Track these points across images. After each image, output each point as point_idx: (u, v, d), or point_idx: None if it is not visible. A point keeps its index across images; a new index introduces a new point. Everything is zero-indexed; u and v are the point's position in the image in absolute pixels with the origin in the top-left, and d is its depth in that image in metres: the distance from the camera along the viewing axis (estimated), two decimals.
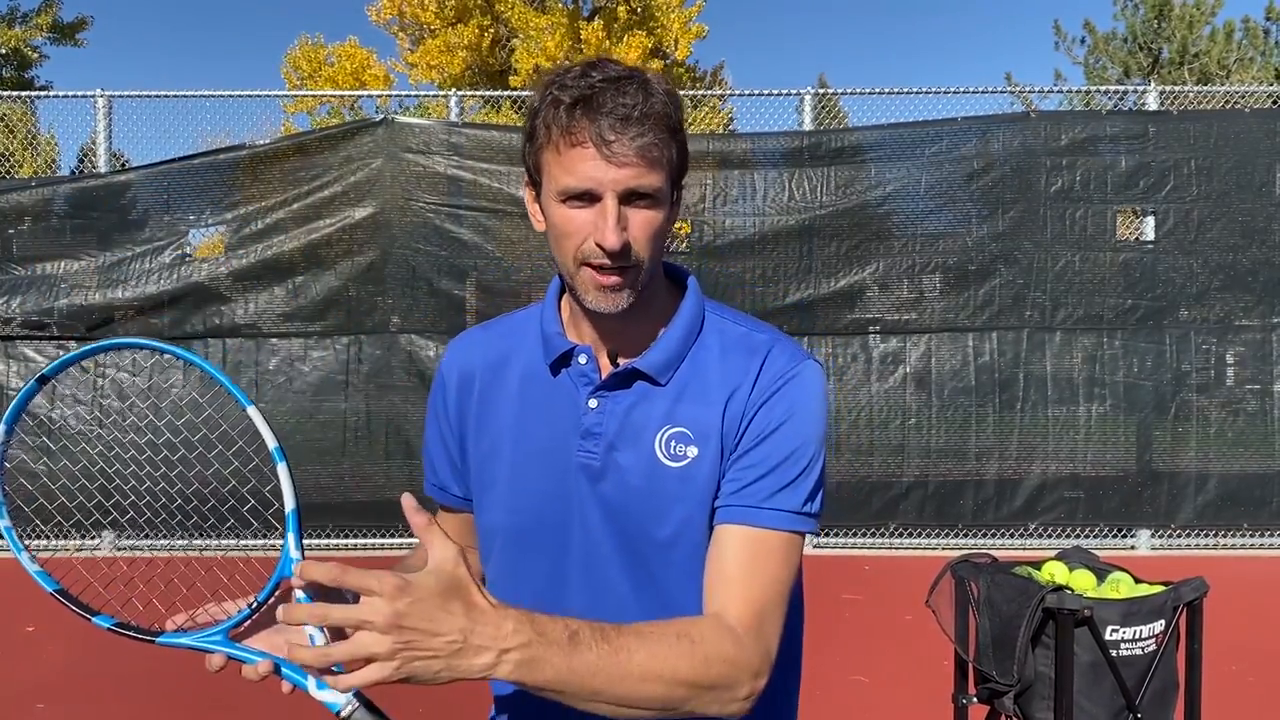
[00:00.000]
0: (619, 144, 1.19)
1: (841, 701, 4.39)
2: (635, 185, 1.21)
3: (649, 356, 1.30)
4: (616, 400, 1.30)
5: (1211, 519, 7.38)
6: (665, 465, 1.27)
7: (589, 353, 1.32)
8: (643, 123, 1.19)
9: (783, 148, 7.54)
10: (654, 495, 1.27)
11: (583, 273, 1.24)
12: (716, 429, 1.27)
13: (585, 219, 1.22)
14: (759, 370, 1.29)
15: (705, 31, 19.72)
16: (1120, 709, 2.42)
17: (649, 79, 1.24)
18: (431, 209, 7.39)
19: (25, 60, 19.68)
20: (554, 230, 1.26)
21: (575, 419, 1.31)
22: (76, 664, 4.93)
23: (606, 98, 1.19)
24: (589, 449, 1.29)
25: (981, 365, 7.36)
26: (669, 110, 1.23)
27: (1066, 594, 2.45)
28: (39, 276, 7.36)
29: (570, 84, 1.21)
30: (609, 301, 1.24)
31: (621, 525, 1.28)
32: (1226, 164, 7.34)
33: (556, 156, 1.22)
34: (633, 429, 1.29)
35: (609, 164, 1.19)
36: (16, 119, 8.61)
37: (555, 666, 1.04)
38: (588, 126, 1.19)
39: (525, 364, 1.37)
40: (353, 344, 7.38)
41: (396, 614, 0.96)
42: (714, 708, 1.16)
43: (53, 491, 7.25)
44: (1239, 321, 7.42)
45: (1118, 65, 20.95)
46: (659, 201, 1.24)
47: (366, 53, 22.65)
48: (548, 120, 1.22)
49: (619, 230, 1.20)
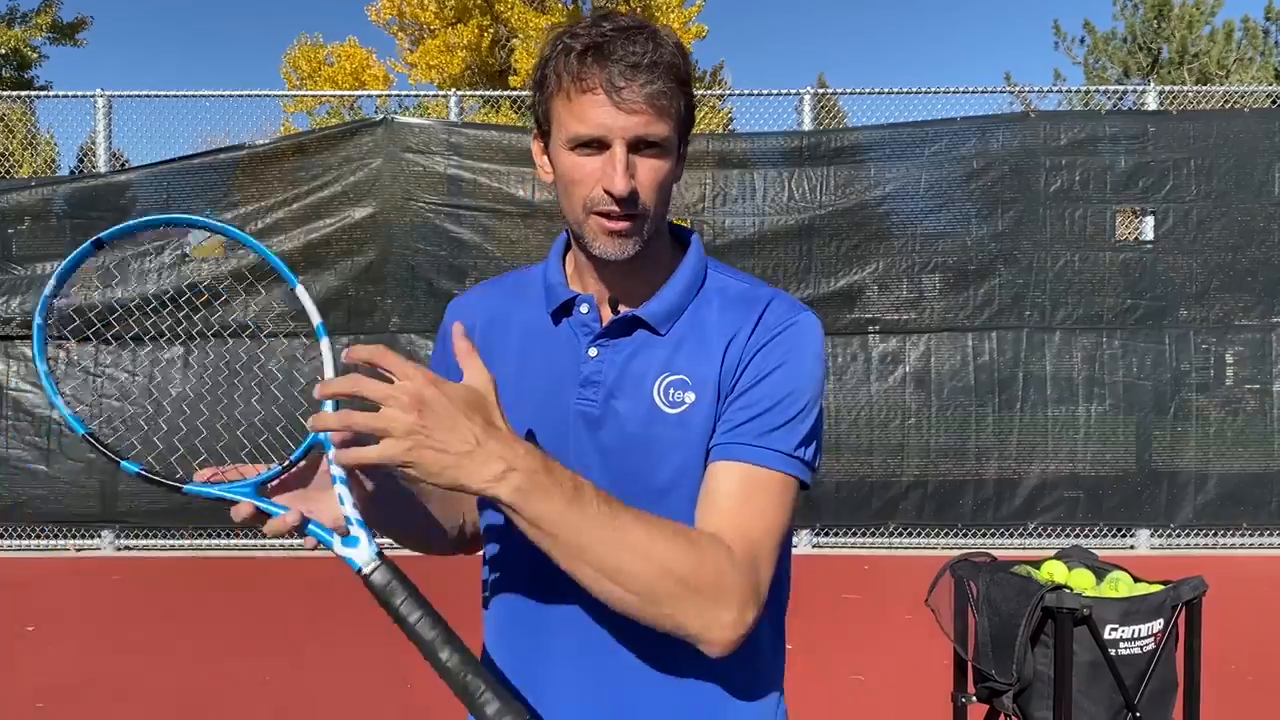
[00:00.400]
0: (629, 90, 1.20)
1: (841, 701, 4.40)
2: (644, 133, 1.22)
3: (650, 306, 1.32)
4: (616, 349, 1.32)
5: (1211, 518, 7.38)
6: (663, 411, 1.28)
7: (590, 301, 1.34)
8: (652, 70, 1.21)
9: (782, 147, 7.54)
10: (652, 441, 1.28)
11: (591, 220, 1.25)
12: (714, 375, 1.28)
13: (594, 166, 1.23)
14: (758, 318, 1.30)
15: (705, 31, 19.73)
16: (1119, 708, 2.42)
17: (658, 30, 1.25)
18: (431, 209, 7.39)
19: (25, 60, 19.68)
20: (562, 178, 1.27)
21: (575, 367, 1.32)
22: (76, 664, 4.94)
23: (617, 45, 1.21)
24: (588, 396, 1.30)
25: (981, 365, 7.36)
26: (678, 61, 1.24)
27: (1066, 593, 2.46)
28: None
29: (581, 33, 1.23)
30: (616, 247, 1.25)
31: (620, 472, 1.27)
32: (1226, 164, 7.34)
33: (567, 103, 1.23)
34: (632, 377, 1.30)
35: (619, 110, 1.20)
36: (16, 119, 8.61)
37: (553, 504, 1.07)
38: (598, 73, 1.20)
39: (527, 318, 1.39)
40: (353, 344, 7.36)
41: (423, 398, 1.03)
42: (695, 622, 1.14)
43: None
44: (1238, 321, 7.43)
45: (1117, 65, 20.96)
46: (666, 151, 1.25)
47: (366, 53, 22.69)
48: (558, 68, 1.23)
49: (627, 177, 1.21)
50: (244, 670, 4.78)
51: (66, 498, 7.35)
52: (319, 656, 5.03)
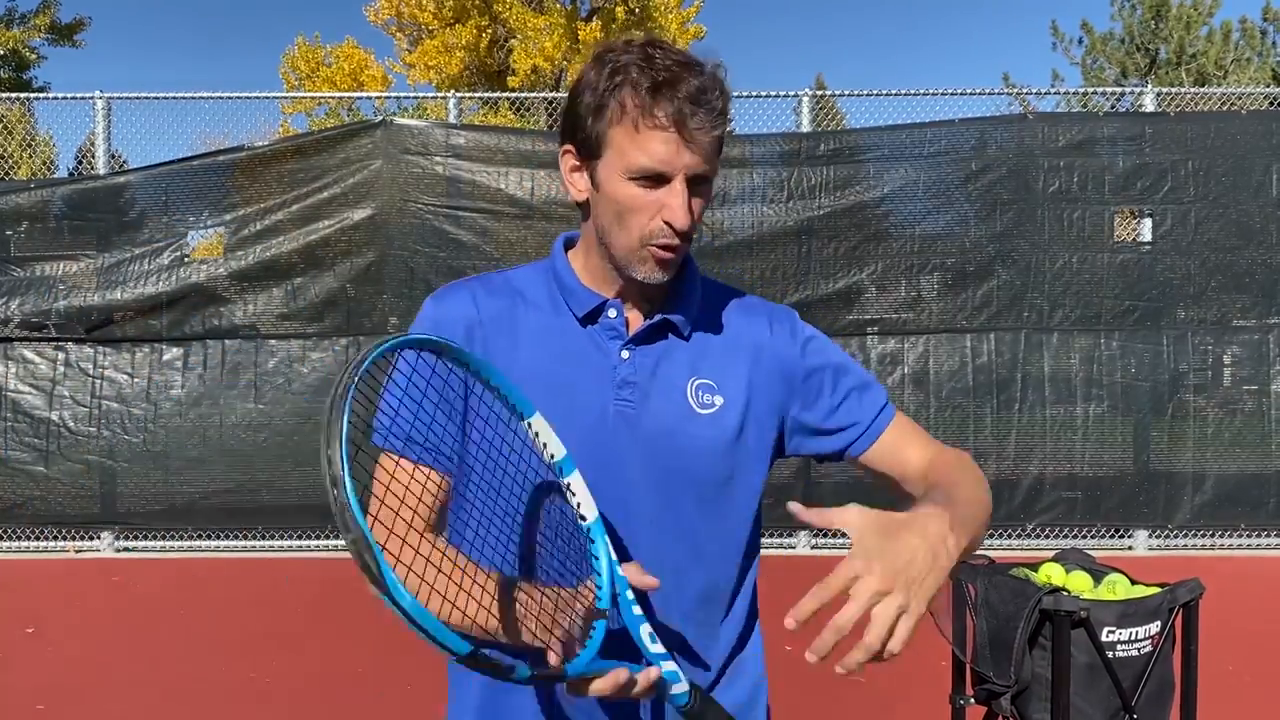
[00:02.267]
0: (699, 132, 1.26)
1: (839, 702, 4.40)
2: (702, 171, 1.29)
3: (675, 312, 1.40)
4: (645, 353, 1.38)
5: (1209, 519, 7.39)
6: (697, 412, 1.38)
7: (619, 307, 1.39)
8: (713, 111, 1.27)
9: (780, 149, 7.55)
10: (691, 437, 1.37)
11: (647, 251, 1.31)
12: (743, 384, 1.41)
13: (653, 199, 1.29)
14: (770, 325, 1.47)
15: (703, 32, 19.76)
16: (1117, 710, 2.43)
17: (712, 69, 1.30)
18: (429, 210, 7.39)
19: (23, 61, 19.67)
20: (615, 205, 1.31)
21: (607, 370, 1.37)
22: (76, 665, 4.94)
23: (683, 85, 1.25)
24: (625, 397, 1.36)
25: (979, 366, 7.37)
26: (728, 100, 1.31)
27: (1063, 595, 2.47)
28: (37, 278, 7.36)
29: (643, 64, 1.27)
30: (663, 272, 1.34)
31: (661, 467, 1.35)
32: (1223, 165, 7.35)
33: (632, 134, 1.27)
34: (664, 379, 1.38)
35: (684, 148, 1.26)
36: (15, 120, 8.60)
37: (965, 522, 1.21)
38: (668, 109, 1.25)
39: (536, 316, 1.40)
40: (351, 345, 7.38)
41: (882, 577, 1.06)
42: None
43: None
44: (1236, 322, 7.43)
45: (1115, 66, 20.98)
46: (711, 186, 1.35)
47: (364, 53, 22.68)
48: (623, 98, 1.27)
49: (689, 213, 1.29)
50: (243, 671, 4.79)
51: (65, 499, 7.34)
52: (319, 656, 5.04)
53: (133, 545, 7.48)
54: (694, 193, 1.30)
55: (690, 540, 1.38)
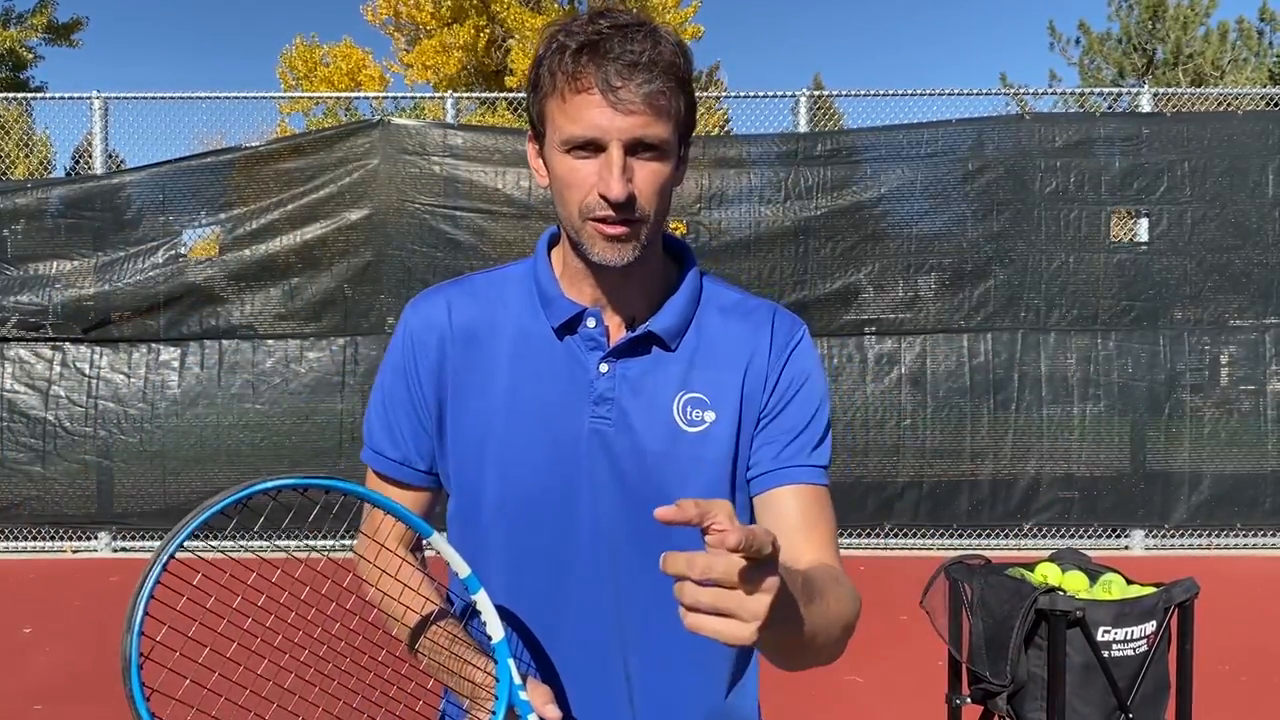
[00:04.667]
0: (625, 90, 1.15)
1: (836, 702, 4.41)
2: (642, 135, 1.17)
3: (661, 320, 1.28)
4: (627, 366, 1.28)
5: (1205, 519, 7.40)
6: (684, 431, 1.26)
7: (598, 316, 1.28)
8: (650, 69, 1.15)
9: (778, 149, 7.56)
10: (674, 460, 1.26)
11: (588, 226, 1.20)
12: (735, 395, 1.28)
13: (589, 170, 1.18)
14: (770, 338, 1.31)
15: (701, 32, 19.75)
16: (1112, 709, 2.44)
17: (658, 28, 1.20)
18: (427, 210, 7.40)
19: (20, 61, 19.65)
20: (557, 182, 1.22)
21: (584, 384, 1.27)
22: (74, 665, 4.94)
23: (614, 44, 1.15)
24: (602, 414, 1.26)
25: (976, 366, 7.37)
26: (678, 60, 1.19)
27: (1059, 595, 2.47)
28: (34, 277, 7.35)
29: (576, 30, 1.18)
30: (614, 253, 1.20)
31: (638, 492, 1.24)
32: (1220, 165, 7.36)
33: (561, 104, 1.18)
34: (647, 395, 1.27)
35: (615, 111, 1.15)
36: (12, 120, 8.60)
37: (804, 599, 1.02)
38: (594, 72, 1.15)
39: (516, 324, 1.31)
40: (349, 345, 7.38)
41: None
42: (839, 651, 1.18)
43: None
44: (1233, 322, 7.44)
45: (1112, 66, 21.00)
46: (665, 154, 1.20)
47: (362, 53, 22.66)
48: (552, 67, 1.18)
49: (624, 181, 1.16)
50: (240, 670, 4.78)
51: (63, 499, 7.34)
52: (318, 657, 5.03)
53: (130, 545, 7.48)
54: (641, 160, 1.18)
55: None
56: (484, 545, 1.31)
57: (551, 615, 1.29)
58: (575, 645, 1.29)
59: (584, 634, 1.28)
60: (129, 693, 1.04)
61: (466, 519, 1.33)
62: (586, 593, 1.28)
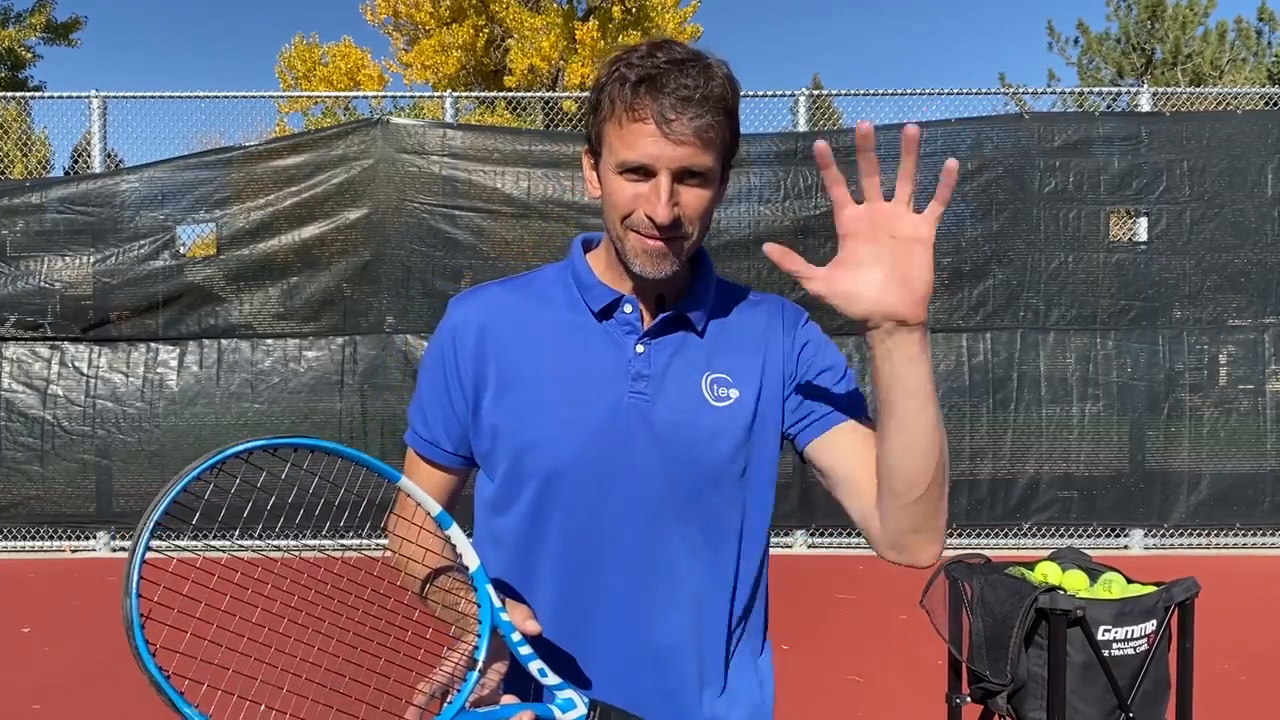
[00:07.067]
0: (678, 124, 1.27)
1: (836, 701, 4.40)
2: (690, 164, 1.30)
3: (690, 307, 1.43)
4: (660, 346, 1.41)
5: (1204, 518, 7.41)
6: (712, 405, 1.40)
7: (634, 302, 1.42)
8: (702, 104, 1.28)
9: (777, 148, 7.55)
10: (704, 428, 1.39)
11: (630, 237, 1.34)
12: (756, 374, 1.43)
13: (638, 191, 1.31)
14: (781, 321, 1.49)
15: (700, 32, 19.75)
16: (1112, 709, 2.43)
17: (710, 63, 1.32)
18: (426, 209, 7.39)
19: (19, 61, 19.63)
20: (609, 197, 1.35)
21: (622, 364, 1.40)
22: (72, 664, 4.93)
23: (670, 79, 1.28)
24: (640, 390, 1.39)
25: (975, 365, 7.38)
26: (727, 94, 1.32)
27: (1059, 594, 2.47)
28: (33, 277, 7.34)
29: (636, 62, 1.30)
30: (655, 267, 1.34)
31: (673, 456, 1.37)
32: (1219, 165, 7.36)
33: (618, 130, 1.31)
34: (678, 373, 1.40)
35: (667, 141, 1.28)
36: (10, 119, 8.59)
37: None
38: (650, 104, 1.28)
39: (557, 316, 1.44)
40: (347, 344, 7.38)
41: None
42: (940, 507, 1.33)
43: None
44: (1231, 321, 7.45)
45: (1111, 66, 21.01)
46: (709, 180, 1.34)
47: (361, 52, 22.64)
48: (612, 94, 1.31)
49: (670, 206, 1.30)
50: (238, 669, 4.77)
51: (61, 498, 7.33)
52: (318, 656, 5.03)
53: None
54: (687, 186, 1.32)
55: (705, 540, 1.40)
56: (525, 516, 1.42)
57: (593, 570, 1.39)
58: (612, 596, 1.39)
59: (620, 586, 1.38)
60: (134, 649, 1.11)
61: (511, 492, 1.43)
62: (621, 546, 1.38)
